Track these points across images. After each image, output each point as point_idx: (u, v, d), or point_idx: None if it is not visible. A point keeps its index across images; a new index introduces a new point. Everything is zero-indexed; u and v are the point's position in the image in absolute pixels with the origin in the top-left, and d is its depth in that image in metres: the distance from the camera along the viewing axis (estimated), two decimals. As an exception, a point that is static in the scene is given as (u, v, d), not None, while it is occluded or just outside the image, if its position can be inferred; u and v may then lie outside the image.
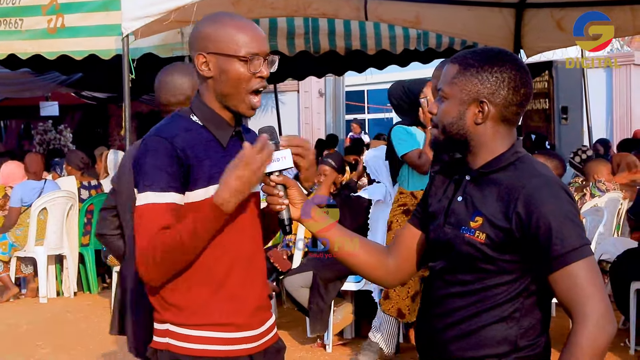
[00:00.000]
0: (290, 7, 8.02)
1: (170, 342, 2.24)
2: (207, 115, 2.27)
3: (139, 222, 2.15)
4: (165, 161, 2.15)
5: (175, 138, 2.18)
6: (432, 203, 2.23)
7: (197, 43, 2.26)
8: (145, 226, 2.13)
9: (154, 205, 2.13)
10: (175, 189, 2.15)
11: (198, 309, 2.23)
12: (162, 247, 2.10)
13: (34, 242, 7.89)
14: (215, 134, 2.26)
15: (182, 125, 2.25)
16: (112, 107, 15.50)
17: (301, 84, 19.35)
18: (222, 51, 2.21)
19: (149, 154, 2.17)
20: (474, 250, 2.03)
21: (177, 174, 2.16)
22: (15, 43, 7.53)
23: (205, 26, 2.26)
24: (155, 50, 7.57)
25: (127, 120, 6.59)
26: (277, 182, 2.19)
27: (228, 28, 2.23)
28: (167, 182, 2.14)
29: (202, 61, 2.24)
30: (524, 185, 1.99)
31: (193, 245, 2.14)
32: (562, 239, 1.93)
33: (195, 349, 2.22)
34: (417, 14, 8.56)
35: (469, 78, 2.06)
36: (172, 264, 2.15)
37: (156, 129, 2.26)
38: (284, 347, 2.47)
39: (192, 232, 2.10)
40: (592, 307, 1.90)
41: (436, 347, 2.13)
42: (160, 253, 2.11)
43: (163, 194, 2.13)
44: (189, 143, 2.20)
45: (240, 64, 2.21)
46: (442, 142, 2.14)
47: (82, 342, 6.35)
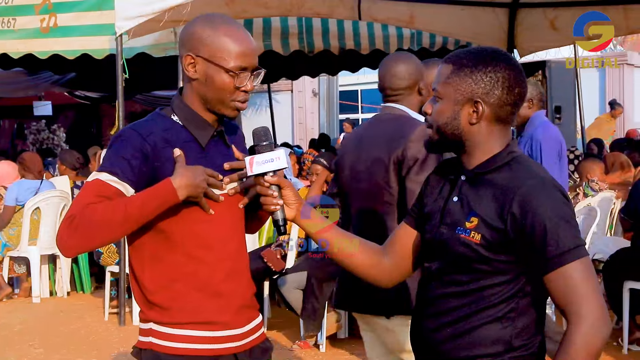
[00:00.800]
0: (283, 7, 8.02)
1: (153, 342, 2.24)
2: (188, 115, 2.27)
3: (80, 193, 2.14)
4: (130, 152, 2.15)
5: (150, 136, 2.18)
6: (427, 203, 2.22)
7: (188, 43, 2.24)
8: (82, 194, 2.12)
9: (101, 182, 2.12)
10: (130, 181, 2.14)
11: (181, 307, 2.22)
12: (89, 216, 2.06)
13: (27, 242, 7.87)
14: (194, 134, 2.26)
15: (161, 124, 2.25)
16: (106, 106, 15.49)
17: (295, 84, 19.37)
18: (211, 59, 2.21)
19: (118, 142, 2.19)
20: (469, 250, 2.02)
21: (138, 168, 2.15)
22: (7, 42, 7.52)
23: (199, 27, 2.24)
24: (149, 50, 7.57)
25: (120, 120, 6.59)
26: (271, 183, 2.19)
27: (221, 36, 2.21)
28: (124, 172, 2.13)
29: (189, 62, 2.23)
30: (519, 186, 1.98)
31: (121, 224, 2.09)
32: (557, 240, 1.92)
33: (178, 347, 2.22)
34: (410, 14, 8.58)
35: (463, 78, 2.06)
36: (92, 235, 2.09)
37: (135, 123, 2.27)
38: (271, 347, 2.46)
39: (128, 210, 2.07)
40: (587, 308, 1.90)
41: (430, 347, 2.13)
42: (83, 220, 2.06)
43: (115, 179, 2.12)
44: (166, 143, 2.20)
45: (227, 76, 2.21)
46: (436, 142, 2.14)
47: (75, 342, 6.33)
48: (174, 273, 2.23)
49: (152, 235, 2.23)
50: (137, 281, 2.28)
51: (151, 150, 2.17)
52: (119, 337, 6.43)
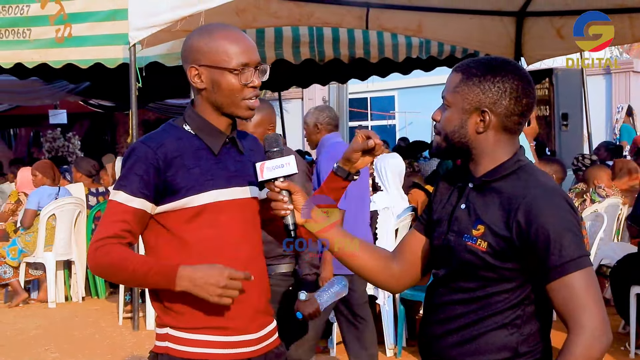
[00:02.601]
0: (293, 17, 8.10)
1: (169, 346, 2.28)
2: (200, 124, 2.32)
3: (105, 214, 2.28)
4: (143, 168, 2.24)
5: (161, 148, 2.26)
6: (436, 210, 2.22)
7: (189, 56, 2.30)
8: (107, 221, 2.26)
9: (122, 205, 2.24)
10: (145, 196, 2.24)
11: (196, 313, 2.26)
12: (107, 257, 2.22)
13: (43, 248, 7.97)
14: (206, 141, 2.31)
15: (172, 135, 2.31)
16: (119, 115, 15.58)
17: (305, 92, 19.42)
18: (213, 64, 2.26)
19: (131, 158, 2.27)
20: (476, 258, 2.03)
21: (152, 182, 2.24)
22: (23, 52, 7.60)
23: (196, 39, 2.31)
24: (161, 59, 7.64)
25: (134, 128, 6.69)
26: (281, 188, 2.21)
27: (218, 40, 2.27)
28: (139, 188, 2.23)
29: (194, 74, 2.29)
30: (524, 195, 1.98)
31: (126, 279, 2.28)
32: (560, 250, 1.93)
33: (194, 352, 2.26)
34: (418, 23, 8.64)
35: (471, 87, 2.06)
36: (105, 273, 2.30)
37: (147, 135, 2.34)
38: (285, 353, 2.49)
39: (135, 271, 2.20)
40: (588, 319, 1.90)
41: (437, 353, 2.13)
42: (102, 260, 2.22)
43: (133, 198, 2.23)
44: (177, 152, 2.27)
45: (231, 76, 2.26)
46: (444, 149, 2.15)
47: (90, 346, 6.41)
48: None
49: (167, 241, 2.29)
50: None
51: (162, 163, 2.24)
52: (133, 341, 6.50)
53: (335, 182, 2.39)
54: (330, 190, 2.40)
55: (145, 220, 2.28)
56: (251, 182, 2.33)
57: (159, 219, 2.29)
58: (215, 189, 2.28)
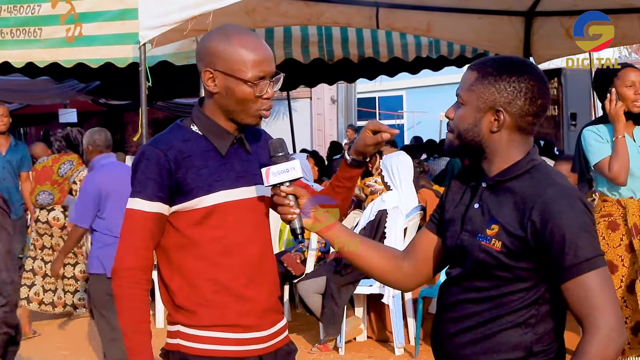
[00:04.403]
0: (303, 16, 8.10)
1: (180, 343, 2.30)
2: (207, 125, 2.33)
3: (126, 223, 2.29)
4: (156, 171, 2.26)
5: (170, 149, 2.27)
6: (448, 209, 2.22)
7: (205, 58, 2.30)
8: (129, 230, 2.29)
9: (141, 213, 2.26)
10: (161, 199, 2.26)
11: (206, 310, 2.29)
12: (127, 303, 2.28)
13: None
14: (214, 143, 2.33)
15: (180, 136, 2.32)
16: (129, 113, 15.65)
17: (313, 91, 19.45)
18: (229, 72, 2.26)
19: (142, 162, 2.29)
20: (490, 257, 2.03)
21: (165, 185, 2.26)
22: (33, 52, 7.64)
23: (214, 42, 2.30)
24: (171, 58, 7.67)
25: (143, 127, 6.71)
26: (287, 192, 2.22)
27: (236, 46, 2.26)
28: (154, 192, 2.26)
29: (208, 77, 2.29)
30: (539, 194, 1.99)
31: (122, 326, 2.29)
32: (576, 250, 1.93)
33: (204, 349, 2.28)
34: (428, 23, 8.63)
35: (487, 86, 2.06)
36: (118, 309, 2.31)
37: (155, 138, 2.36)
38: (295, 350, 2.51)
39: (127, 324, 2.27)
40: (603, 319, 1.91)
41: (450, 352, 2.14)
42: (122, 303, 2.28)
43: (151, 204, 2.26)
44: (186, 153, 2.28)
45: (246, 87, 2.26)
46: (457, 147, 2.15)
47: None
48: (197, 278, 2.29)
49: (177, 241, 2.31)
50: (164, 284, 2.36)
51: (173, 164, 2.26)
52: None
53: (349, 172, 2.44)
54: (346, 179, 2.45)
55: (164, 223, 2.30)
56: (258, 182, 2.34)
57: (169, 219, 2.31)
58: (223, 189, 2.30)
